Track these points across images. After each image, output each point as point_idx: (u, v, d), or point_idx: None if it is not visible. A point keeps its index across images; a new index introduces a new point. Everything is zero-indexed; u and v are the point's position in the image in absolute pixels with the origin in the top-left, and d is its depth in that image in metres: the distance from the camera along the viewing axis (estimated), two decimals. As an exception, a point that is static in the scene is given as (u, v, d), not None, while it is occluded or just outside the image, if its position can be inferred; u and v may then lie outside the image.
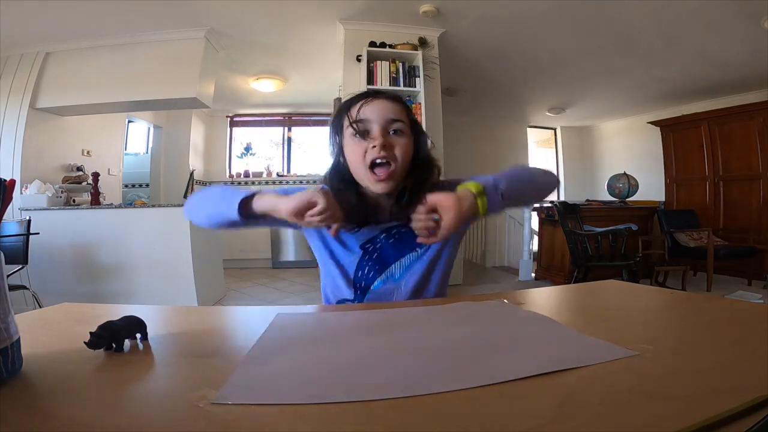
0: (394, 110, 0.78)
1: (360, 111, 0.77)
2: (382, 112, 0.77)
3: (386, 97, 0.80)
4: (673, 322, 0.55)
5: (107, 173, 4.06)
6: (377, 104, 0.78)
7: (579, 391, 0.31)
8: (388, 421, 0.28)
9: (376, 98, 0.79)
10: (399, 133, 0.78)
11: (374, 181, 0.76)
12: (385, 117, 0.77)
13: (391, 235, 0.83)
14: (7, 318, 0.35)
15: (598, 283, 0.79)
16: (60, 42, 3.36)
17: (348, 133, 0.78)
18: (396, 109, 0.79)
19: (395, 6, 3.06)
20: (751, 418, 0.25)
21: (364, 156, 0.75)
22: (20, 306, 2.68)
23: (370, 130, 0.76)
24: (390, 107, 0.78)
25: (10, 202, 0.39)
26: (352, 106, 0.78)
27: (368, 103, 0.78)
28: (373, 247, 0.83)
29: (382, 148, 0.74)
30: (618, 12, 3.01)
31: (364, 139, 0.76)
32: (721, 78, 4.10)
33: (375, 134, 0.75)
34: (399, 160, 0.76)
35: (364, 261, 0.82)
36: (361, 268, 0.82)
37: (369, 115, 0.76)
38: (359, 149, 0.76)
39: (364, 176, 0.77)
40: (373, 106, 0.77)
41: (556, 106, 5.52)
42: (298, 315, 0.58)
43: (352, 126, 0.77)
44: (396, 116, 0.77)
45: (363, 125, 0.76)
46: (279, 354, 0.41)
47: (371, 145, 0.75)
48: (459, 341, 0.44)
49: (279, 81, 4.56)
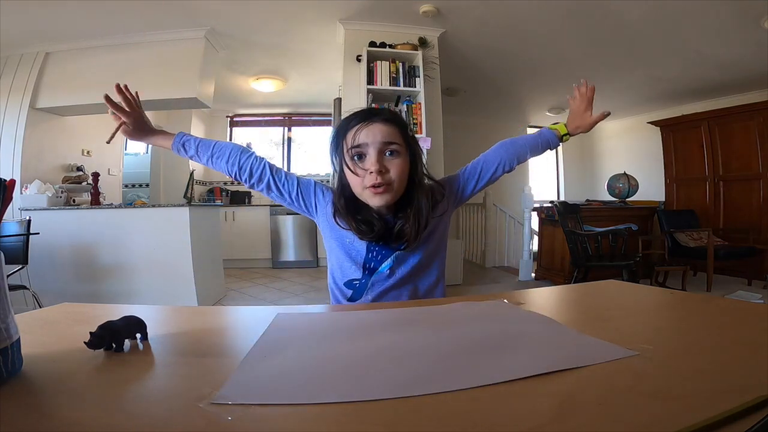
0: (389, 133, 0.82)
1: (357, 136, 0.81)
2: (377, 137, 0.81)
3: (382, 119, 0.83)
4: (673, 322, 0.55)
5: (107, 173, 4.06)
6: (373, 129, 0.81)
7: (579, 391, 0.31)
8: (388, 421, 0.28)
9: (372, 122, 0.82)
10: (395, 154, 0.82)
11: (372, 195, 0.81)
12: (381, 140, 0.81)
13: None
14: (7, 318, 0.35)
15: (598, 283, 0.79)
16: (60, 42, 3.36)
17: (347, 156, 0.83)
18: (391, 132, 0.83)
19: (395, 6, 3.06)
20: (751, 418, 0.25)
21: (361, 180, 0.81)
22: (20, 306, 2.68)
23: (366, 153, 0.81)
24: (385, 131, 0.82)
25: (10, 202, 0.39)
26: (350, 129, 0.83)
27: (364, 127, 0.82)
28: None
29: (378, 174, 0.79)
30: (618, 12, 3.01)
31: (361, 161, 0.82)
32: (721, 78, 4.10)
33: (371, 160, 0.80)
34: (395, 180, 0.82)
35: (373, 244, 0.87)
36: (370, 250, 0.87)
37: (365, 139, 0.81)
38: (358, 171, 0.82)
39: (362, 194, 0.83)
40: (369, 130, 0.81)
41: (556, 106, 5.52)
42: (298, 315, 0.58)
43: (349, 152, 0.82)
44: (391, 139, 0.82)
45: (360, 149, 0.82)
46: (279, 354, 0.41)
47: (369, 171, 0.80)
48: (459, 341, 0.44)
49: (279, 81, 4.56)
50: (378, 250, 0.89)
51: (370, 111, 0.86)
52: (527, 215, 4.34)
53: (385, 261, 0.88)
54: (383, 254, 0.89)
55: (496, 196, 5.37)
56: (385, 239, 0.87)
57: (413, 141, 0.89)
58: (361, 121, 0.83)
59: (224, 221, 4.81)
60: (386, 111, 0.87)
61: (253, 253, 5.01)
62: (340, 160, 0.85)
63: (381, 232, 0.85)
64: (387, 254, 0.89)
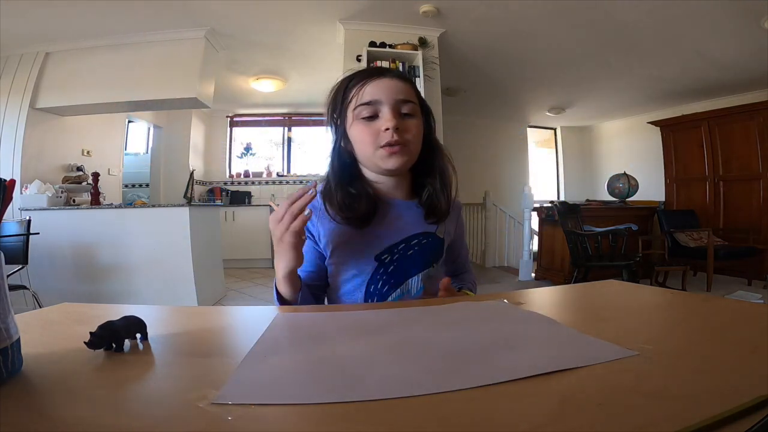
0: (403, 90, 0.72)
1: (366, 91, 0.70)
2: (392, 92, 0.71)
3: (393, 75, 0.73)
4: (673, 322, 0.55)
5: (107, 173, 4.07)
6: (385, 83, 0.71)
7: (579, 391, 0.31)
8: (388, 421, 0.28)
9: (383, 76, 0.72)
10: (409, 117, 0.72)
11: (387, 155, 0.70)
12: (395, 97, 0.70)
13: (410, 246, 0.76)
14: (7, 318, 0.35)
15: (598, 283, 0.79)
16: (60, 42, 3.36)
17: (353, 115, 0.71)
18: (405, 88, 0.73)
19: (395, 6, 3.06)
20: (751, 418, 0.25)
21: (375, 137, 0.70)
22: (20, 306, 2.68)
23: (379, 111, 0.70)
24: (399, 87, 0.72)
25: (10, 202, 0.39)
26: (355, 85, 0.72)
27: (374, 81, 0.71)
28: (390, 259, 0.74)
29: (395, 131, 0.68)
30: (618, 12, 3.01)
31: (371, 121, 0.70)
32: (721, 78, 4.10)
33: (386, 116, 0.69)
34: (412, 142, 0.71)
35: (378, 274, 0.73)
36: (374, 281, 0.73)
37: (377, 95, 0.70)
38: (369, 132, 0.70)
39: (372, 155, 0.71)
40: (381, 85, 0.71)
41: (556, 106, 5.53)
42: (298, 315, 0.58)
43: (356, 110, 0.71)
44: (406, 96, 0.72)
45: (371, 107, 0.70)
46: (279, 354, 0.41)
47: (383, 128, 0.69)
48: (459, 341, 0.44)
49: (279, 81, 4.56)
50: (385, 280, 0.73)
51: (377, 67, 0.79)
52: (527, 215, 4.34)
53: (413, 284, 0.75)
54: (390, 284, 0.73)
55: (496, 196, 5.37)
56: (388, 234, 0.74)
57: (426, 104, 0.79)
58: (369, 76, 0.72)
59: (224, 221, 4.82)
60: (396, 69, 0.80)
61: (253, 253, 5.01)
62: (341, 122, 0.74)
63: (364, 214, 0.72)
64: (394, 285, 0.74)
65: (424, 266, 0.76)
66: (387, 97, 0.70)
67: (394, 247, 0.74)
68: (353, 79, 0.73)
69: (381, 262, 0.73)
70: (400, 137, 0.69)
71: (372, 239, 0.74)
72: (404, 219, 0.77)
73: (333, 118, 0.76)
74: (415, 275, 0.75)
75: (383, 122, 0.69)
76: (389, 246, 0.74)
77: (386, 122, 0.69)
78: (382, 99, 0.70)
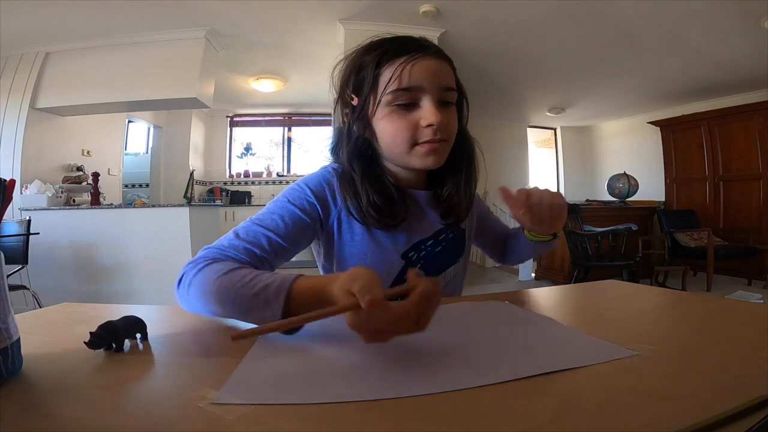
0: (447, 74, 0.59)
1: (404, 72, 0.56)
2: (436, 78, 0.57)
3: (434, 52, 0.59)
4: (673, 322, 0.55)
5: (107, 173, 4.06)
6: (431, 65, 0.57)
7: (579, 391, 0.31)
8: (388, 421, 0.28)
9: (425, 54, 0.57)
10: (449, 105, 0.60)
11: (425, 154, 0.59)
12: (440, 84, 0.58)
13: (438, 242, 0.69)
14: (7, 318, 0.35)
15: (598, 283, 0.79)
16: (60, 42, 3.36)
17: (385, 100, 0.58)
18: (448, 71, 0.60)
19: (395, 6, 3.06)
20: (751, 418, 0.25)
21: (412, 133, 0.58)
22: (20, 306, 2.68)
23: (419, 100, 0.58)
24: (443, 70, 0.59)
25: (10, 202, 0.39)
26: (387, 62, 0.58)
27: (417, 61, 0.57)
28: (417, 256, 0.66)
29: (438, 129, 0.57)
30: (618, 12, 3.01)
31: (410, 110, 0.58)
32: (721, 78, 4.09)
33: (429, 109, 0.57)
34: (451, 140, 0.62)
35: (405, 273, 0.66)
36: (400, 281, 0.65)
37: (420, 80, 0.57)
38: (405, 125, 0.58)
39: (404, 152, 0.60)
40: (425, 66, 0.57)
41: (556, 106, 5.52)
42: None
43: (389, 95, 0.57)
44: (449, 83, 0.59)
45: (410, 94, 0.57)
46: (279, 354, 0.41)
47: (425, 124, 0.57)
48: (459, 341, 0.44)
49: (279, 81, 4.56)
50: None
51: (411, 39, 0.59)
52: (527, 215, 4.34)
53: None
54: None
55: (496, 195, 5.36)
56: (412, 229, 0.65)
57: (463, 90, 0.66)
58: (409, 51, 0.57)
59: (224, 221, 4.81)
60: (432, 43, 0.60)
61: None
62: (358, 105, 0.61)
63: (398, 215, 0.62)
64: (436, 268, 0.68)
65: (451, 262, 0.71)
66: (430, 83, 0.57)
67: (421, 243, 0.67)
68: (386, 53, 0.58)
69: (408, 260, 0.66)
70: (443, 135, 0.58)
71: (399, 237, 0.65)
72: (429, 213, 0.69)
73: (347, 97, 0.63)
74: (440, 273, 0.70)
75: (426, 116, 0.57)
76: (417, 243, 0.66)
77: (429, 117, 0.57)
78: (425, 86, 0.57)
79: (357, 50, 0.63)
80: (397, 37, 0.61)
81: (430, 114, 0.57)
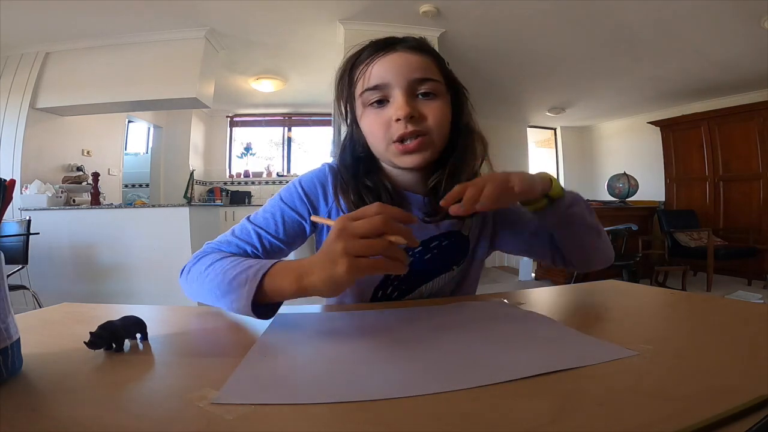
0: (420, 65, 0.58)
1: (372, 71, 0.58)
2: (404, 71, 0.57)
3: (407, 46, 0.59)
4: (673, 322, 0.55)
5: (107, 173, 4.07)
6: (395, 59, 0.58)
7: (579, 391, 0.31)
8: (388, 421, 0.28)
9: (393, 50, 0.59)
10: (431, 96, 0.58)
11: (399, 153, 0.58)
12: (409, 77, 0.57)
13: (428, 250, 0.66)
14: (7, 318, 0.35)
15: (598, 283, 0.79)
16: (60, 42, 3.36)
17: (360, 101, 0.60)
18: (422, 63, 0.59)
19: (395, 6, 3.06)
20: (751, 418, 0.25)
21: (386, 130, 0.58)
22: (20, 306, 2.68)
23: (389, 96, 0.58)
24: (414, 62, 0.58)
25: (10, 202, 0.39)
26: (361, 63, 0.60)
27: (382, 58, 0.58)
28: None
29: (408, 121, 0.56)
30: (618, 12, 3.01)
31: (381, 107, 0.59)
32: (721, 78, 4.10)
33: (397, 102, 0.57)
34: (435, 133, 0.59)
35: (390, 279, 0.65)
36: (383, 287, 0.66)
37: (385, 76, 0.57)
38: (379, 122, 0.58)
39: (385, 151, 0.60)
40: (390, 62, 0.58)
41: (556, 106, 5.52)
42: (298, 315, 0.58)
43: (363, 96, 0.59)
44: (423, 74, 0.58)
45: (380, 92, 0.58)
46: (279, 354, 0.41)
47: (394, 118, 0.57)
48: (459, 341, 0.44)
49: (279, 81, 4.56)
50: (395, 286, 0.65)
51: (385, 39, 0.61)
52: (527, 215, 4.34)
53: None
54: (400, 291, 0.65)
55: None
56: None
57: (453, 76, 0.64)
58: (377, 50, 0.59)
59: (224, 221, 4.81)
60: (410, 37, 0.61)
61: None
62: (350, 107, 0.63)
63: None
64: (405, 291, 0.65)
65: (442, 270, 0.68)
66: (397, 77, 0.57)
67: (408, 249, 0.64)
68: (361, 55, 0.61)
69: None
70: (417, 127, 0.57)
71: None
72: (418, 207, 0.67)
73: (342, 105, 0.65)
74: (427, 282, 0.68)
75: (393, 110, 0.57)
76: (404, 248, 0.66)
77: (397, 110, 0.56)
78: (391, 81, 0.57)
79: (344, 60, 0.65)
80: (380, 39, 0.62)
81: (398, 107, 0.57)
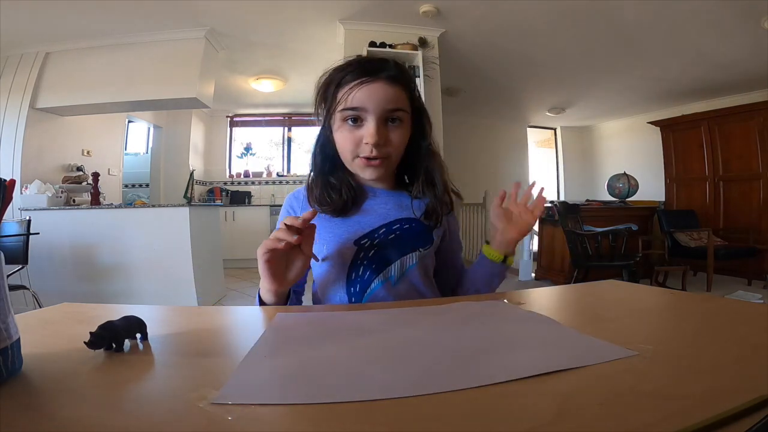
0: (394, 97, 0.69)
1: (353, 96, 0.68)
2: (381, 101, 0.68)
3: (386, 78, 0.69)
4: (673, 322, 0.55)
5: (107, 173, 4.07)
6: (376, 90, 0.68)
7: (579, 391, 0.31)
8: (388, 421, 0.28)
9: (375, 80, 0.68)
10: (397, 123, 0.71)
11: (364, 166, 0.71)
12: (384, 107, 0.68)
13: (391, 231, 0.76)
14: (7, 318, 0.35)
15: (598, 283, 0.79)
16: (60, 42, 3.36)
17: (339, 115, 0.70)
18: (397, 95, 0.70)
19: (395, 6, 3.06)
20: (751, 418, 0.25)
21: (355, 146, 0.70)
22: (20, 306, 2.68)
23: (363, 119, 0.69)
24: (390, 94, 0.69)
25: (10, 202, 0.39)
26: (344, 84, 0.70)
27: (364, 86, 0.68)
28: (370, 243, 0.74)
29: (375, 146, 0.68)
30: (618, 12, 3.02)
31: (356, 124, 0.70)
32: (721, 78, 4.10)
33: (370, 129, 0.68)
34: (393, 152, 0.71)
35: (359, 259, 0.74)
36: (355, 267, 0.74)
37: (365, 102, 0.68)
38: (351, 139, 0.70)
39: (352, 162, 0.72)
40: (370, 91, 0.68)
41: (556, 106, 5.53)
42: (298, 315, 0.58)
43: (342, 112, 0.70)
44: (395, 105, 0.69)
45: (356, 113, 0.69)
46: (279, 354, 0.41)
47: (364, 141, 0.69)
48: (459, 341, 0.44)
49: (279, 81, 4.56)
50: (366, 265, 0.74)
51: (370, 63, 0.71)
52: (527, 215, 4.33)
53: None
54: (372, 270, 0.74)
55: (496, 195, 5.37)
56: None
57: (419, 102, 0.76)
58: (360, 77, 0.69)
59: (224, 221, 4.82)
60: (391, 65, 0.71)
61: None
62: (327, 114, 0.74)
63: (343, 204, 0.74)
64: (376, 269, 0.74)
65: (407, 251, 0.76)
66: (374, 106, 0.68)
67: (374, 231, 0.74)
68: (346, 75, 0.70)
69: (361, 247, 0.74)
70: (380, 152, 0.69)
71: (353, 225, 0.75)
72: (388, 206, 0.78)
73: (320, 110, 0.76)
74: (396, 260, 0.75)
75: (366, 135, 0.68)
76: (369, 231, 0.75)
77: (368, 136, 0.68)
78: (369, 108, 0.68)
79: (333, 67, 0.75)
80: (364, 60, 0.72)
81: (369, 134, 0.68)
